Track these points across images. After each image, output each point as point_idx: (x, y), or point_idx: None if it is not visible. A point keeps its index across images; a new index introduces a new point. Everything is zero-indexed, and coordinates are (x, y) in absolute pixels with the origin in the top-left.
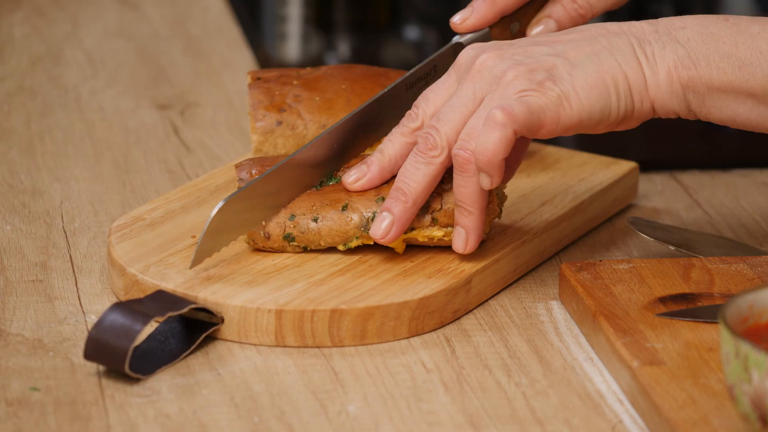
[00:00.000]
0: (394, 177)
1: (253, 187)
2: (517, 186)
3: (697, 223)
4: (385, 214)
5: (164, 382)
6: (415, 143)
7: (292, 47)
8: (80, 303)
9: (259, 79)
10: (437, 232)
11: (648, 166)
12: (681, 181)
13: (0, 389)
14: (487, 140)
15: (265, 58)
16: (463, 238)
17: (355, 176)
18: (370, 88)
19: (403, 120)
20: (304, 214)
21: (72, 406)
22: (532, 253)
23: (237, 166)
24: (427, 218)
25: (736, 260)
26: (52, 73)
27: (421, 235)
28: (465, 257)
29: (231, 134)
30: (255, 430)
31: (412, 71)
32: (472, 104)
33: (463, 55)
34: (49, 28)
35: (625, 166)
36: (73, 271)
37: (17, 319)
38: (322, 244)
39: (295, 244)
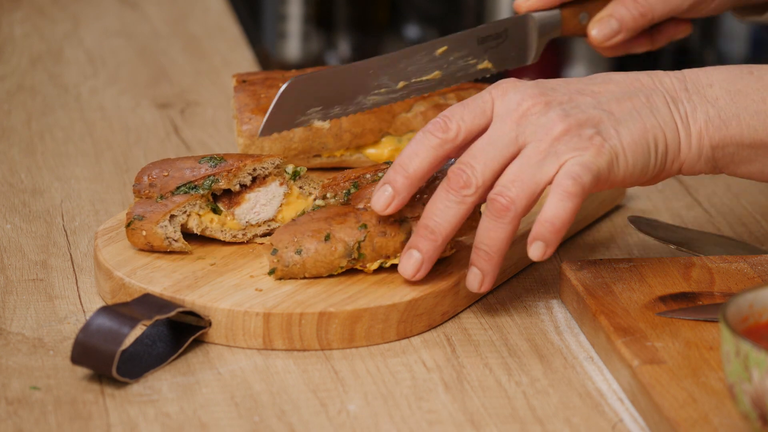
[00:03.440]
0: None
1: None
2: None
3: (697, 221)
4: (414, 252)
5: (164, 381)
6: (443, 157)
7: (293, 46)
8: (80, 302)
9: (244, 81)
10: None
11: None
12: (681, 180)
13: (0, 388)
14: (561, 210)
15: (266, 57)
16: (479, 280)
17: (384, 202)
18: None
19: (431, 127)
20: (287, 247)
21: (72, 405)
22: (520, 254)
23: (142, 170)
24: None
25: (736, 259)
26: (53, 72)
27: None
28: (450, 258)
29: (231, 133)
30: (255, 429)
31: (484, 26)
32: (513, 147)
33: (509, 94)
34: (50, 27)
35: None
36: (74, 270)
37: (17, 318)
38: (307, 275)
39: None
